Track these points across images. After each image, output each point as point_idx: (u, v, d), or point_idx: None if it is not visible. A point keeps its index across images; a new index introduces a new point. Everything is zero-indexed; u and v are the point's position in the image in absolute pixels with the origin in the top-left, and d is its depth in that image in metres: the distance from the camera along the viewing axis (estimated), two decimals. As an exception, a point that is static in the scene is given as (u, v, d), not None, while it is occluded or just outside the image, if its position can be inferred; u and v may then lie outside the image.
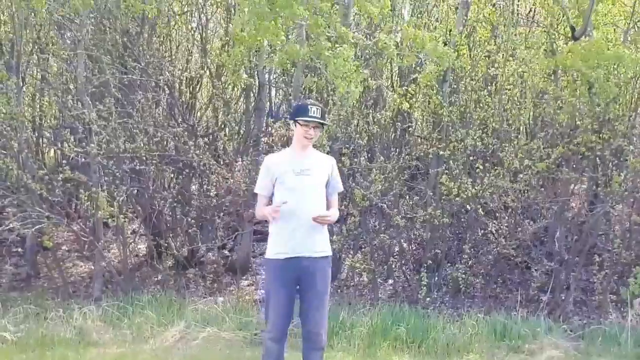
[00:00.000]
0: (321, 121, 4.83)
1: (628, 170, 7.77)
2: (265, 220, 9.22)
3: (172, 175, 9.13)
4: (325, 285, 4.82)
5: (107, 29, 9.22)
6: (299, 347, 4.98)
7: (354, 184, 8.09)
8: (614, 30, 9.52)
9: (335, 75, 7.05)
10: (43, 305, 7.94)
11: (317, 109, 4.78)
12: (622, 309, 7.61)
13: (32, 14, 8.73)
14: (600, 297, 7.97)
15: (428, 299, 8.08)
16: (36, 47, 9.59)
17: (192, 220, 8.77)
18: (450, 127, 8.58)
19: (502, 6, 9.87)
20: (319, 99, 8.72)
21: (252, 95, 10.44)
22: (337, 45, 7.15)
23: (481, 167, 8.06)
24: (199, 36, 10.46)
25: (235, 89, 10.92)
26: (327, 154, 6.46)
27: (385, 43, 7.47)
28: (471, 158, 8.28)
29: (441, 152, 8.36)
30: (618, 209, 8.25)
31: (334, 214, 4.90)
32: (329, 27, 7.27)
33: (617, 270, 7.88)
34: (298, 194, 4.72)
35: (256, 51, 9.01)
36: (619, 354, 6.68)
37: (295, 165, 4.80)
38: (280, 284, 4.73)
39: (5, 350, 6.64)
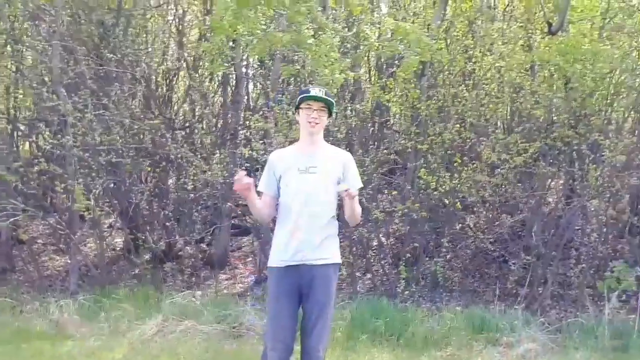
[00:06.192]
0: (326, 98, 4.24)
1: (604, 164, 7.81)
2: (244, 214, 9.39)
3: (149, 168, 9.05)
4: (327, 295, 4.25)
5: (83, 20, 9.14)
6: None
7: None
8: (590, 26, 9.57)
9: (318, 64, 7.00)
10: (19, 299, 7.89)
11: (320, 89, 4.29)
12: (599, 303, 7.65)
13: (6, 4, 8.62)
14: (577, 291, 8.02)
15: (407, 292, 8.07)
16: (10, 38, 9.46)
17: (170, 214, 8.73)
18: (428, 122, 8.56)
19: (479, 1, 9.88)
20: (297, 91, 8.69)
21: (229, 88, 10.38)
22: (319, 33, 7.12)
23: (459, 161, 8.08)
24: (176, 28, 10.39)
25: (213, 82, 10.86)
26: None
27: (366, 34, 7.44)
28: (449, 152, 8.30)
29: (419, 146, 8.35)
30: (594, 204, 8.28)
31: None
32: (308, 17, 7.24)
33: (593, 264, 7.93)
34: (301, 194, 4.19)
35: (233, 42, 8.93)
36: (595, 347, 6.69)
37: (301, 162, 4.24)
38: (281, 293, 4.23)
39: (-20, 344, 6.57)
